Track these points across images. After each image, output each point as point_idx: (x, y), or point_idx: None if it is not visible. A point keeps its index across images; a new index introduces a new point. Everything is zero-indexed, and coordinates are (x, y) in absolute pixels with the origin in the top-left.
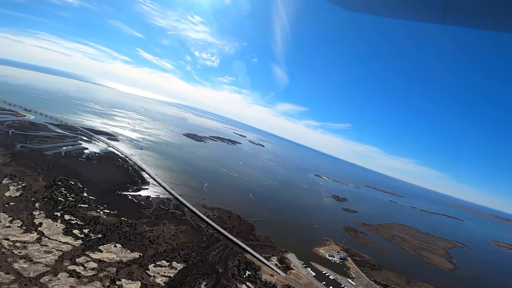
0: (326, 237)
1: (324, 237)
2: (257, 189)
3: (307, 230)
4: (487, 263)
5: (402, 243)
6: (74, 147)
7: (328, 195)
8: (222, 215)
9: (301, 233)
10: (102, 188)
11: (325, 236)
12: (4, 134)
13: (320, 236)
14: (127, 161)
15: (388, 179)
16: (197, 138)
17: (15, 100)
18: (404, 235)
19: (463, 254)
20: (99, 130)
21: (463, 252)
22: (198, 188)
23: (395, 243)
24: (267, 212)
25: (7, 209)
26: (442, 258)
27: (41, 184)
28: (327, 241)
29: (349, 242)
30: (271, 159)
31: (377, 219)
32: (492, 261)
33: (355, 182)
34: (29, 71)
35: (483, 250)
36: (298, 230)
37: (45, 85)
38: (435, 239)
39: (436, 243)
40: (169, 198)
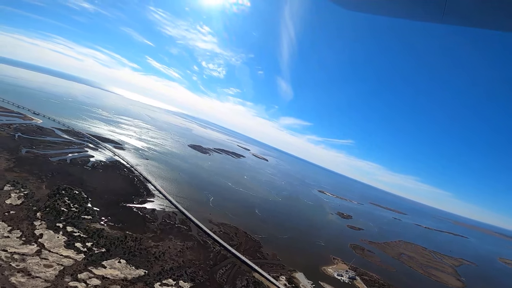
0: (334, 255)
1: (332, 256)
2: (263, 204)
3: (314, 248)
4: (496, 281)
5: (410, 262)
6: (80, 154)
7: (333, 212)
8: (229, 231)
9: (308, 251)
10: (106, 199)
11: (333, 254)
12: (10, 137)
13: (327, 254)
14: (133, 171)
15: (390, 196)
16: (202, 150)
17: (24, 103)
18: (411, 253)
19: (471, 272)
20: (105, 138)
21: (470, 270)
22: (204, 202)
23: (403, 261)
24: (273, 229)
25: (7, 218)
26: (450, 276)
27: (44, 193)
28: (334, 259)
29: (357, 260)
30: (275, 174)
31: (383, 236)
32: (501, 278)
33: (359, 198)
34: (41, 74)
35: (491, 267)
36: (305, 248)
37: (55, 89)
38: (442, 257)
39: (443, 261)
40: (175, 212)
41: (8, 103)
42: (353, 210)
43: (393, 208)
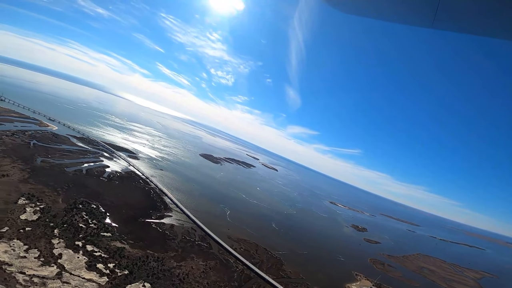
0: (355, 271)
1: (354, 272)
2: (278, 218)
3: (335, 263)
4: None
5: (431, 275)
6: (96, 164)
7: (348, 224)
8: (249, 247)
9: (330, 267)
10: (124, 213)
11: (354, 270)
12: (25, 145)
13: (349, 270)
14: (148, 183)
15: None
16: (213, 160)
17: (40, 108)
18: (431, 267)
19: (493, 284)
20: (120, 146)
21: (493, 282)
22: (220, 216)
23: (424, 275)
24: (292, 244)
25: (23, 236)
26: None
27: (61, 207)
28: (357, 275)
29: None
30: (286, 185)
31: (401, 250)
32: None
33: (370, 210)
34: (56, 79)
35: None
36: (326, 264)
37: (69, 94)
38: (462, 270)
39: (464, 274)
40: (193, 227)
41: (23, 108)
42: (366, 222)
43: (404, 220)
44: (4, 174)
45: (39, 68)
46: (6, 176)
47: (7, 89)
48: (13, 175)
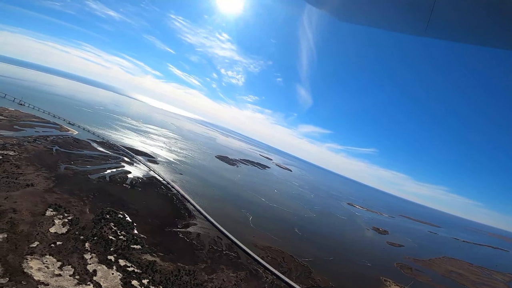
0: (383, 276)
1: (382, 277)
2: (300, 222)
3: (362, 269)
4: None
5: (461, 279)
6: (118, 170)
7: (368, 227)
8: (276, 255)
9: (357, 273)
10: (150, 223)
11: (383, 276)
12: (48, 152)
13: (377, 276)
14: (170, 189)
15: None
16: (229, 162)
17: (59, 112)
18: (459, 270)
19: None
20: (139, 150)
21: None
22: (243, 222)
23: (454, 279)
24: (317, 250)
25: (55, 251)
26: None
27: (89, 218)
28: (386, 281)
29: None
30: (302, 186)
31: (425, 253)
32: None
33: (388, 211)
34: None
35: None
36: (353, 270)
37: (86, 96)
38: (491, 273)
39: (493, 277)
40: (219, 236)
41: (43, 112)
42: (386, 224)
43: (424, 221)
44: (29, 183)
45: (55, 71)
46: (31, 186)
47: (26, 93)
48: (38, 185)
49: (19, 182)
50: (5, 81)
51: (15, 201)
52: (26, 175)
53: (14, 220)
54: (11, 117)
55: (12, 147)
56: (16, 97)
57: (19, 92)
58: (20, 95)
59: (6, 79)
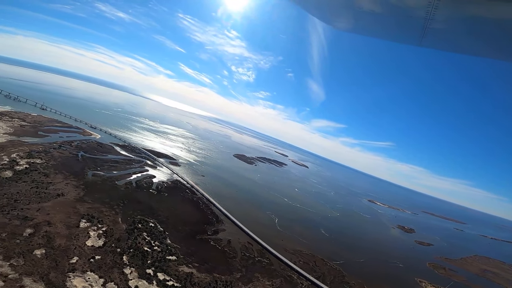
0: (418, 277)
1: (417, 279)
2: (325, 222)
3: (395, 270)
4: None
5: (496, 278)
6: (143, 175)
7: (393, 225)
8: (307, 259)
9: (391, 275)
10: (181, 230)
11: (417, 277)
12: (74, 158)
13: (411, 277)
14: (195, 193)
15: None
16: (247, 160)
17: (80, 115)
18: (493, 269)
19: None
20: (160, 152)
21: None
22: (270, 225)
23: (489, 279)
24: (346, 252)
25: (95, 267)
26: None
27: (122, 228)
28: (421, 282)
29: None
30: (320, 183)
31: (456, 252)
32: None
33: (410, 207)
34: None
35: None
36: (386, 272)
37: (103, 98)
38: None
39: None
40: (250, 241)
41: (65, 116)
42: (411, 222)
43: (448, 217)
44: (59, 193)
45: (71, 74)
46: (62, 195)
47: (45, 97)
48: (69, 194)
49: (50, 192)
50: (24, 85)
51: (48, 213)
52: (55, 184)
53: (50, 234)
54: (35, 123)
55: (39, 154)
56: (37, 101)
57: (39, 97)
58: (40, 99)
59: (25, 83)
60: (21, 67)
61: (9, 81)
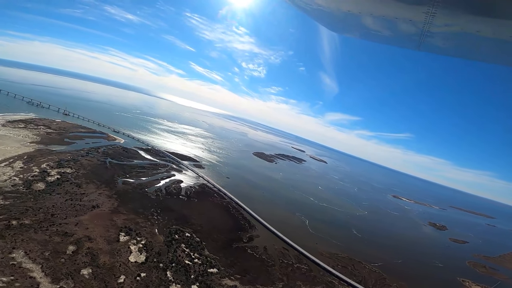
0: (460, 277)
1: (460, 278)
2: (354, 222)
3: (435, 270)
4: None
5: None
6: (170, 180)
7: (424, 222)
8: (345, 263)
9: (433, 276)
10: (217, 239)
11: (459, 277)
12: (102, 165)
13: (453, 277)
14: (223, 197)
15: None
16: (266, 158)
17: (102, 119)
18: None
19: None
20: (183, 155)
21: None
22: (302, 227)
23: None
24: (382, 253)
25: (142, 286)
26: None
27: (160, 240)
28: (464, 281)
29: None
30: (341, 179)
31: (493, 249)
32: None
33: (436, 202)
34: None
35: None
36: (427, 273)
37: (120, 100)
38: None
39: None
40: (285, 247)
41: (88, 121)
42: (441, 218)
43: (476, 211)
44: (94, 205)
45: (87, 77)
46: (97, 207)
47: (67, 102)
48: (103, 205)
49: (84, 203)
50: (44, 90)
51: (87, 227)
52: (89, 195)
53: (93, 251)
54: (60, 130)
55: (68, 163)
56: (60, 107)
57: (61, 101)
58: (61, 104)
59: (45, 88)
60: (40, 72)
61: (30, 87)
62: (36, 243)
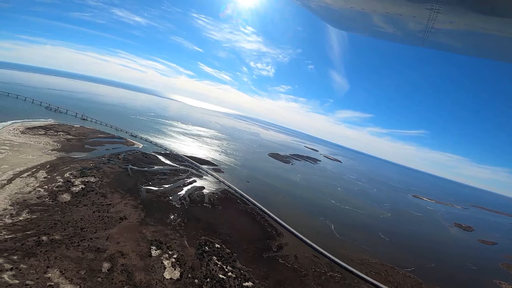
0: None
1: (496, 280)
2: (380, 225)
3: (471, 274)
4: None
5: None
6: (192, 186)
7: (450, 223)
8: (378, 269)
9: (469, 279)
10: (248, 250)
11: (495, 279)
12: (124, 173)
13: (489, 280)
14: (246, 203)
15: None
16: (283, 159)
17: (118, 123)
18: None
19: None
20: (201, 159)
21: None
22: (328, 233)
23: None
24: (412, 257)
25: None
26: None
27: (191, 253)
28: (501, 284)
29: None
30: (358, 179)
31: None
32: None
33: (457, 201)
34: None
35: None
36: (462, 276)
37: (133, 103)
38: None
39: None
40: (315, 255)
41: (105, 125)
42: (465, 218)
43: (500, 211)
44: (121, 216)
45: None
46: (125, 219)
47: (83, 106)
48: (130, 216)
49: (112, 215)
50: (60, 94)
51: (118, 241)
52: (115, 206)
53: (128, 268)
54: (80, 135)
55: (91, 171)
56: (77, 112)
57: (77, 106)
58: (78, 108)
59: (60, 92)
60: (53, 76)
61: (46, 91)
62: (70, 260)
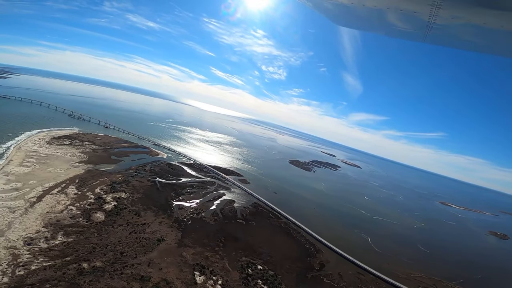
0: None
1: None
2: (416, 235)
3: None
4: None
5: None
6: (222, 200)
7: (484, 231)
8: (427, 284)
9: None
10: (290, 270)
11: None
12: (153, 186)
13: None
14: (279, 217)
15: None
16: (303, 167)
17: (140, 131)
18: None
19: None
20: (225, 169)
21: None
22: (366, 246)
23: None
24: (457, 269)
25: None
26: None
27: (235, 277)
28: None
29: None
30: (382, 186)
31: None
32: None
33: (486, 207)
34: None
35: None
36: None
37: (151, 108)
38: None
39: None
40: (358, 271)
41: (128, 134)
42: (498, 225)
43: None
44: (159, 238)
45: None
46: (163, 240)
47: (105, 113)
48: (168, 237)
49: (149, 237)
50: (81, 101)
51: (160, 268)
52: (150, 225)
53: None
54: (105, 145)
55: (121, 186)
56: (100, 119)
57: (98, 112)
58: (100, 115)
59: (82, 98)
60: (74, 81)
61: (68, 98)
62: None
